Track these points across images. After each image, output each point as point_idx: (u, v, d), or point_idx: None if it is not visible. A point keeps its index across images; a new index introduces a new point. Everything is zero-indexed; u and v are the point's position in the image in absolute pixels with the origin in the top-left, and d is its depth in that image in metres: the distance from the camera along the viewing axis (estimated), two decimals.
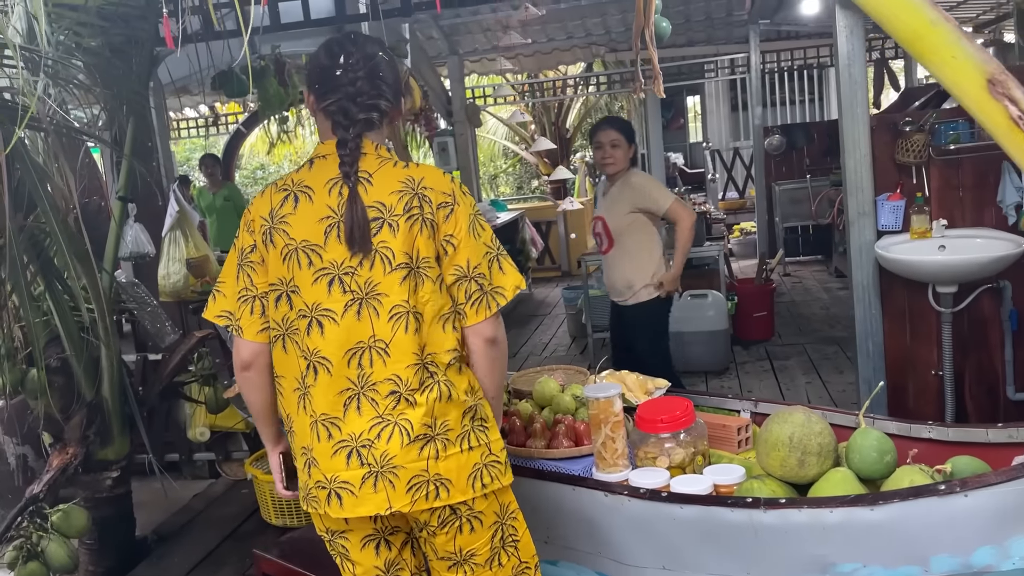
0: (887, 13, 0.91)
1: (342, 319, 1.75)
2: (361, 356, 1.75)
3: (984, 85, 0.86)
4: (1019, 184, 3.66)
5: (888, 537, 1.92)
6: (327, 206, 1.76)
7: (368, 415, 1.75)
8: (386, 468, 1.74)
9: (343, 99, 1.79)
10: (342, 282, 1.75)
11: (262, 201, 1.84)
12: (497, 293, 1.81)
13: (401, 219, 1.74)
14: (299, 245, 1.77)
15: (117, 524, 3.71)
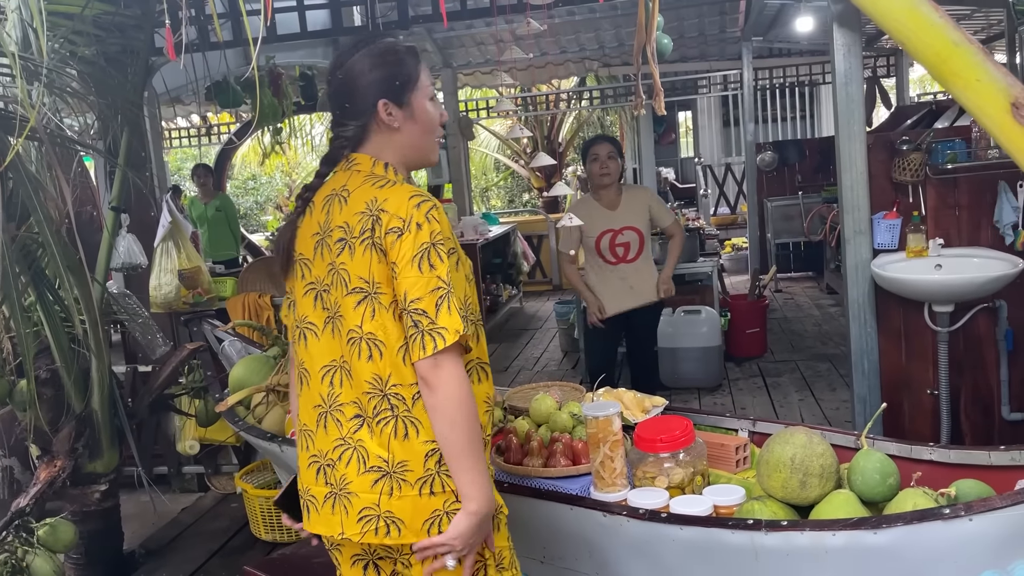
0: (908, 34, 0.89)
1: (322, 335, 1.76)
2: (333, 375, 1.74)
3: (1008, 109, 0.84)
4: (1015, 204, 3.67)
5: (891, 561, 1.90)
6: (317, 222, 1.77)
7: (333, 435, 1.73)
8: (343, 492, 1.70)
9: (336, 116, 1.82)
10: (322, 298, 1.76)
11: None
12: (436, 333, 1.60)
13: (357, 242, 1.68)
14: (298, 257, 1.80)
15: (104, 538, 3.66)
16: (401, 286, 1.63)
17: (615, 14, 7.77)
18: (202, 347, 3.71)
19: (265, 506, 3.80)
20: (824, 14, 6.73)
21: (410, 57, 1.81)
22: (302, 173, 15.70)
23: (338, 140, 1.80)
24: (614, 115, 12.99)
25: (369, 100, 1.76)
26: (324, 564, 2.84)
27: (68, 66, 3.06)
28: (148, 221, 4.22)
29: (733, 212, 12.48)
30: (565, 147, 13.61)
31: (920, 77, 13.43)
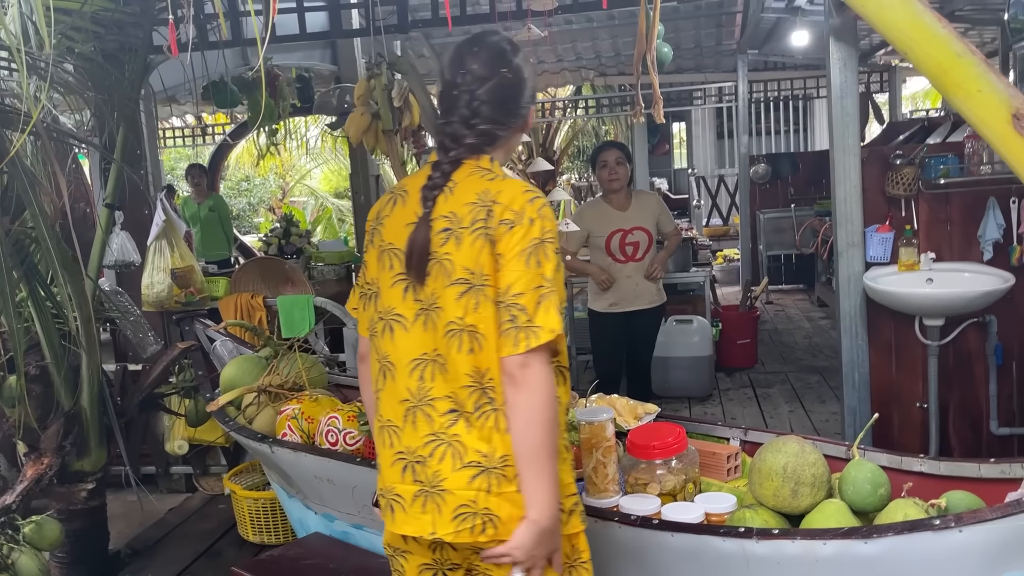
0: (911, 44, 0.90)
1: (411, 327, 1.70)
2: (424, 368, 1.68)
3: (1009, 119, 0.85)
4: (1001, 222, 3.69)
5: (881, 571, 1.90)
6: (414, 212, 1.72)
7: (423, 430, 1.67)
8: (435, 489, 1.64)
9: (457, 123, 1.71)
10: (414, 290, 1.71)
11: (379, 202, 1.85)
12: (531, 331, 1.58)
13: (466, 232, 1.64)
14: (387, 247, 1.76)
15: (90, 537, 3.63)
16: (505, 278, 1.62)
17: (612, 24, 7.80)
18: (194, 346, 3.70)
19: (254, 507, 3.79)
20: (820, 28, 6.77)
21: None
22: (296, 176, 15.68)
23: (484, 138, 1.72)
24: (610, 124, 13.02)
25: (528, 102, 1.78)
26: (312, 566, 2.84)
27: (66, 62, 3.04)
28: (142, 219, 4.21)
29: (725, 223, 12.52)
30: (560, 155, 13.64)
31: (912, 94, 13.53)
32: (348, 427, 2.87)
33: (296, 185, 15.71)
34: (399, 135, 3.36)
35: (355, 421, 2.87)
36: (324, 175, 15.84)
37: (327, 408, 2.99)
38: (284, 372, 3.33)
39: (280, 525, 3.76)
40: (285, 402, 3.12)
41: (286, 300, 4.21)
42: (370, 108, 3.36)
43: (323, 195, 15.25)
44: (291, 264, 4.79)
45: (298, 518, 3.19)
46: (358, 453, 2.81)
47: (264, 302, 4.31)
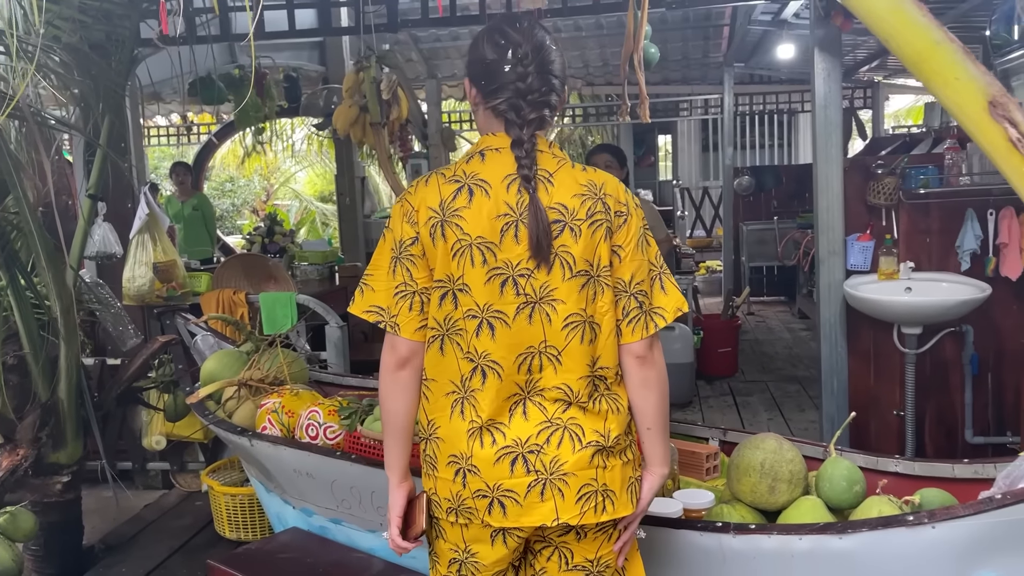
0: (891, 31, 0.92)
1: (513, 322, 1.66)
2: (531, 361, 1.67)
3: (985, 107, 0.87)
4: (979, 233, 3.75)
5: (855, 566, 1.93)
6: (505, 203, 1.66)
7: (535, 419, 1.67)
8: (555, 475, 1.65)
9: (513, 97, 1.68)
10: (516, 284, 1.66)
11: (428, 191, 1.70)
12: (656, 313, 1.72)
13: (584, 224, 1.67)
14: (473, 241, 1.66)
15: (64, 531, 3.60)
16: (628, 269, 1.71)
17: (600, 33, 7.85)
18: (175, 340, 3.68)
19: (231, 504, 3.76)
20: (805, 41, 6.85)
21: None
22: (280, 178, 15.64)
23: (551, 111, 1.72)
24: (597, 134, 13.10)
25: (562, 93, 1.76)
26: (289, 560, 2.83)
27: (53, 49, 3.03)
28: (124, 212, 4.19)
29: (709, 235, 12.61)
30: None
31: (895, 111, 13.69)
32: (328, 421, 2.86)
33: (280, 188, 15.67)
34: (387, 128, 3.36)
35: (336, 415, 2.87)
36: (309, 178, 15.80)
37: (308, 402, 2.99)
38: (265, 367, 3.33)
39: (258, 522, 3.74)
40: (265, 396, 3.12)
41: (268, 297, 4.20)
42: (358, 101, 3.36)
43: (307, 198, 15.22)
44: (274, 261, 4.78)
45: (276, 513, 3.18)
46: (338, 447, 2.81)
47: (246, 298, 4.30)
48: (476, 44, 1.74)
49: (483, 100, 1.73)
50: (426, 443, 1.76)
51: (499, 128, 1.73)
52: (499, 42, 1.70)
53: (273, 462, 2.93)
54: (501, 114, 1.71)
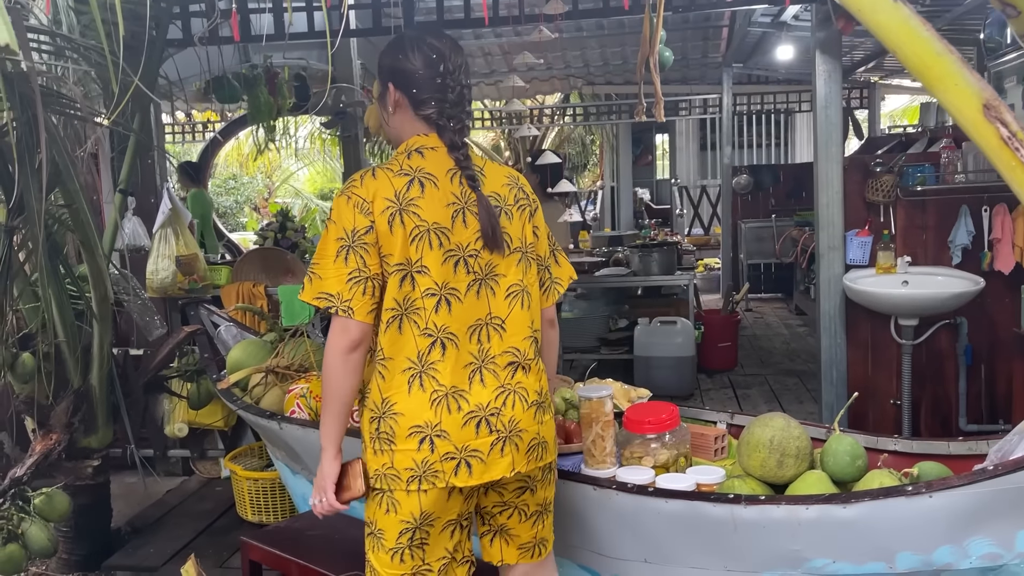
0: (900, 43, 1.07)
1: (464, 297, 1.89)
2: (480, 332, 1.91)
3: (980, 109, 1.02)
4: (971, 229, 3.91)
5: (858, 534, 2.07)
6: (452, 193, 1.90)
7: (491, 385, 1.91)
8: (513, 433, 1.91)
9: (448, 107, 1.93)
10: (466, 263, 1.90)
11: (379, 184, 1.87)
12: (556, 283, 2.10)
13: (514, 208, 1.98)
14: (430, 227, 1.86)
15: (94, 513, 3.74)
16: (543, 246, 2.06)
17: (601, 33, 7.99)
18: (199, 330, 3.82)
19: (254, 488, 3.90)
20: (804, 43, 7.00)
21: None
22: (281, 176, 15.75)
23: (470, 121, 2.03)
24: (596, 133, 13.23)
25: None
26: (317, 536, 2.97)
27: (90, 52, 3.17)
28: (148, 207, 4.33)
29: (707, 233, 12.76)
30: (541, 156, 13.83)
31: (891, 111, 13.86)
32: (355, 406, 3.00)
33: (281, 185, 15.79)
34: None
35: None
36: (309, 176, 15.92)
37: None
38: (289, 355, 3.47)
39: (279, 505, 3.89)
40: (293, 382, 3.26)
41: (287, 290, 4.33)
42: None
43: (308, 196, 15.34)
44: (292, 256, 4.91)
45: (301, 494, 3.32)
46: None
47: (265, 291, 4.43)
48: (402, 53, 1.94)
49: (411, 106, 1.95)
50: (379, 421, 1.91)
51: (426, 131, 1.95)
52: (430, 56, 1.92)
53: (302, 444, 3.07)
54: (431, 121, 1.94)
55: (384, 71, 1.99)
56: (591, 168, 16.06)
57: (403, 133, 1.99)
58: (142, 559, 3.70)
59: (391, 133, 2.04)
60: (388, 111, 2.00)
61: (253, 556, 2.96)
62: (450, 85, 1.92)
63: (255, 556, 2.95)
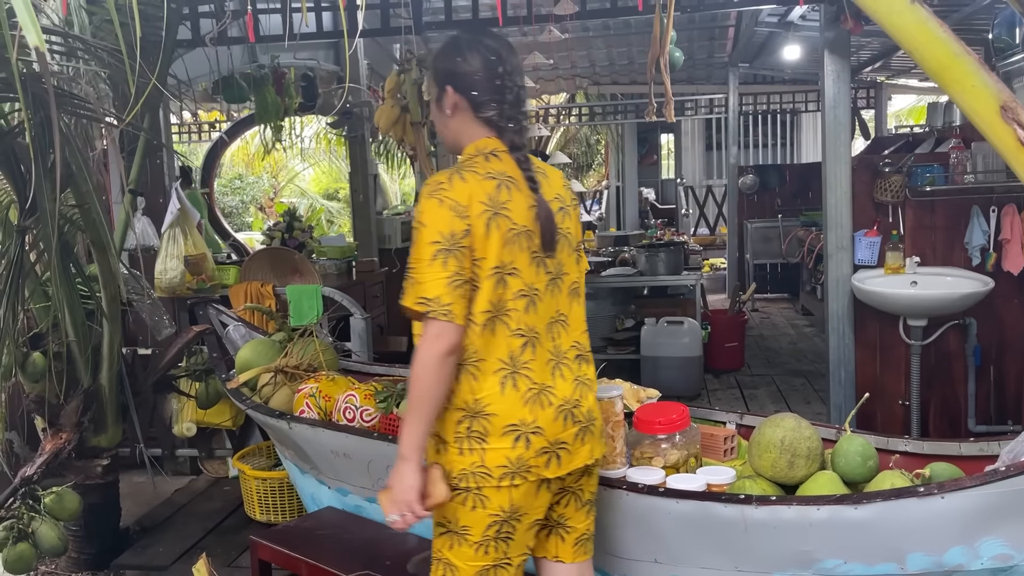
0: (917, 45, 1.07)
1: (543, 296, 1.93)
2: (553, 328, 1.96)
3: (998, 111, 1.02)
4: (986, 228, 3.91)
5: (869, 535, 2.07)
6: (530, 196, 1.92)
7: (568, 379, 1.96)
8: (589, 422, 1.98)
9: (508, 108, 1.93)
10: (544, 263, 1.94)
11: (472, 187, 1.85)
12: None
13: (571, 207, 2.05)
14: (521, 230, 1.88)
15: (103, 512, 3.75)
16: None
17: (607, 33, 7.99)
18: (208, 330, 3.82)
19: (262, 487, 3.91)
20: (811, 43, 7.00)
21: None
22: (287, 176, 15.78)
23: (525, 124, 1.99)
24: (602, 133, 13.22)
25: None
26: (326, 536, 2.98)
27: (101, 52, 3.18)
28: (157, 207, 4.34)
29: (712, 233, 12.76)
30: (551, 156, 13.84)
31: (897, 111, 13.84)
32: (365, 405, 3.01)
33: (287, 185, 15.81)
34: (426, 127, 3.53)
35: (372, 400, 3.02)
36: (314, 176, 15.95)
37: (344, 387, 3.14)
38: (298, 355, 3.48)
39: (287, 505, 3.89)
40: (302, 382, 3.27)
41: (295, 289, 4.35)
42: (399, 101, 3.54)
43: (313, 195, 15.37)
44: (300, 255, 4.92)
45: (310, 493, 3.33)
46: (374, 429, 2.96)
47: (273, 291, 4.44)
48: (460, 56, 1.93)
49: (471, 109, 1.94)
50: (471, 420, 1.88)
51: (487, 133, 1.95)
52: (488, 57, 1.92)
53: (311, 444, 3.08)
54: (492, 123, 1.94)
55: (441, 74, 1.97)
56: (596, 168, 16.06)
57: (462, 136, 1.98)
58: (151, 558, 3.71)
59: (448, 136, 2.02)
60: (446, 114, 1.98)
61: (263, 555, 2.97)
62: (508, 86, 1.92)
63: (265, 555, 2.96)
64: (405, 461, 1.86)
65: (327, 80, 7.38)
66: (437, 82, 1.99)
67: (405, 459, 1.86)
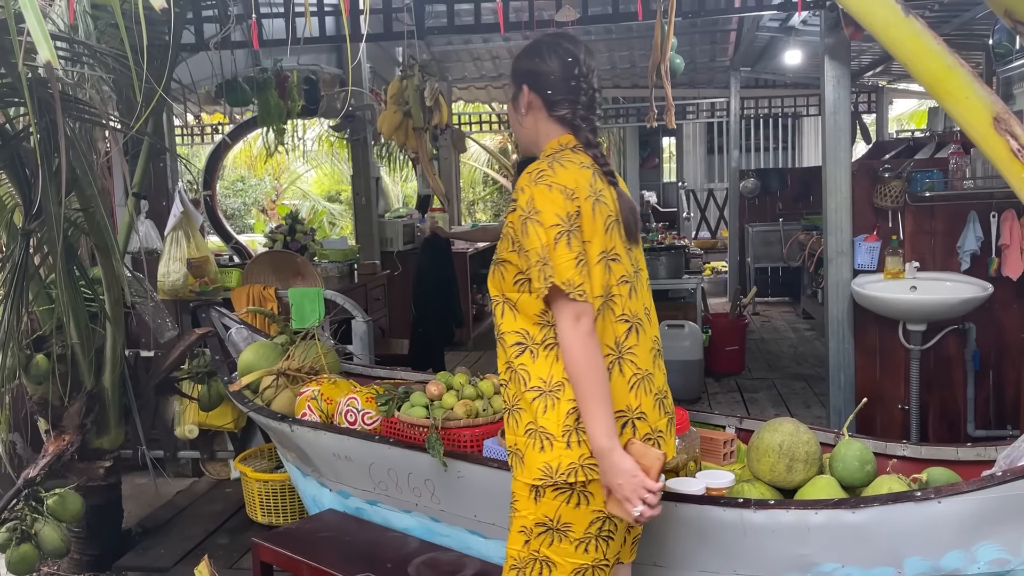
0: (912, 58, 1.09)
1: (636, 287, 1.96)
2: (649, 317, 2.00)
3: (991, 122, 1.04)
4: (980, 235, 3.93)
5: (867, 539, 2.09)
6: (614, 189, 1.97)
7: (662, 368, 2.02)
8: (672, 414, 2.02)
9: (581, 108, 1.95)
10: (631, 254, 1.99)
11: (574, 174, 1.86)
12: None
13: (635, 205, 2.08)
14: (616, 218, 1.93)
15: (106, 513, 3.77)
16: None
17: (609, 37, 8.02)
18: (211, 332, 3.84)
19: (264, 490, 3.93)
20: (812, 48, 7.02)
21: None
22: (289, 178, 15.82)
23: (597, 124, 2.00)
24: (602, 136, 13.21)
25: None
26: (328, 539, 3.00)
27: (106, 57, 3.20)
28: (160, 210, 4.36)
29: (714, 236, 12.76)
30: None
31: (898, 115, 13.86)
32: (367, 408, 3.03)
33: (289, 187, 15.86)
34: (428, 132, 3.56)
35: (373, 403, 3.03)
36: (316, 178, 15.99)
37: (345, 390, 3.15)
38: (300, 358, 3.49)
39: (289, 507, 3.91)
40: (304, 384, 3.28)
41: (297, 292, 4.37)
42: (402, 107, 3.56)
43: (315, 197, 15.41)
44: (302, 258, 4.94)
45: (312, 496, 3.34)
46: (376, 432, 2.97)
47: (275, 294, 4.46)
48: (539, 56, 1.97)
49: (545, 107, 1.96)
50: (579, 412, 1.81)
51: (560, 132, 1.97)
52: (566, 59, 1.95)
53: (313, 447, 3.09)
54: (567, 122, 1.96)
55: (520, 73, 2.01)
56: None
57: (536, 134, 2.01)
58: (153, 560, 3.72)
59: (523, 135, 2.05)
60: (520, 112, 2.01)
61: (264, 557, 2.99)
62: (583, 87, 1.94)
63: (266, 557, 2.98)
64: (610, 451, 1.77)
65: (330, 83, 7.40)
66: (515, 81, 2.02)
67: (609, 449, 1.77)
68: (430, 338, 5.63)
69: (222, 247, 8.19)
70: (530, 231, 1.81)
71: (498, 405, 2.84)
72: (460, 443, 2.69)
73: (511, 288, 1.91)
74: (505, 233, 1.92)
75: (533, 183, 1.85)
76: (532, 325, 1.88)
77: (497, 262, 1.95)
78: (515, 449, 1.91)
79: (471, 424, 2.73)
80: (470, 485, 2.65)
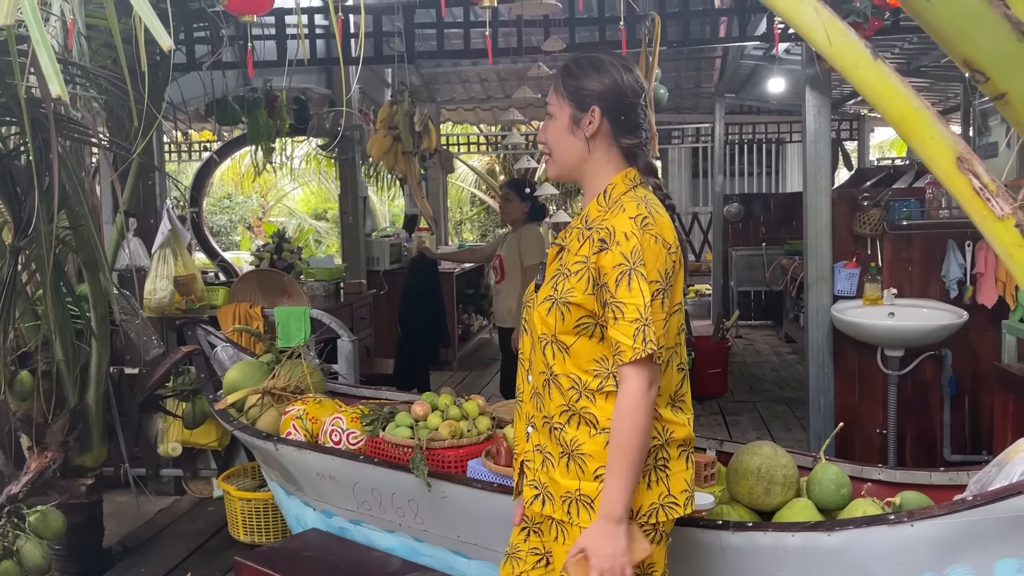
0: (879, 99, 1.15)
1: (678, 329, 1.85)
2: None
3: (954, 161, 1.09)
4: (961, 262, 4.01)
5: (842, 561, 2.13)
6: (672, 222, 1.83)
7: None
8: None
9: (644, 138, 1.85)
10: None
11: (667, 222, 1.78)
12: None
13: None
14: (681, 261, 1.80)
15: (87, 532, 3.76)
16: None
17: None
18: (197, 350, 3.86)
19: (247, 508, 3.93)
20: (795, 76, 7.15)
21: None
22: (276, 196, 15.83)
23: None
24: None
25: None
26: (311, 558, 3.01)
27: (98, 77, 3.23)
28: (147, 228, 4.38)
29: (697, 260, 12.86)
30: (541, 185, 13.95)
31: (880, 143, 14.06)
32: (351, 427, 3.05)
33: (276, 205, 15.87)
34: (417, 156, 3.60)
35: (358, 422, 3.06)
36: (303, 196, 16.02)
37: (331, 410, 3.18)
38: (286, 377, 3.52)
39: (272, 526, 3.91)
40: (289, 403, 3.30)
41: (283, 311, 4.39)
42: (391, 131, 3.61)
43: (301, 215, 15.43)
44: (288, 277, 4.97)
45: (295, 515, 3.36)
46: (360, 452, 3.00)
47: (262, 312, 4.48)
48: (610, 77, 1.80)
49: (613, 135, 1.82)
50: (660, 448, 1.79)
51: (618, 160, 1.84)
52: (635, 86, 1.83)
53: (297, 466, 3.11)
54: (627, 150, 1.84)
55: (591, 95, 1.80)
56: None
57: (590, 161, 1.84)
58: None
59: (569, 157, 1.85)
60: (580, 135, 1.82)
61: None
62: (644, 115, 1.84)
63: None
64: (620, 522, 1.68)
65: (319, 103, 7.47)
66: (575, 99, 1.81)
67: (620, 520, 1.68)
68: (416, 358, 5.66)
69: (208, 264, 8.20)
70: (634, 285, 1.68)
71: (483, 426, 2.87)
72: (444, 463, 2.72)
73: (568, 331, 1.77)
74: (578, 272, 1.75)
75: (639, 230, 1.71)
76: (583, 372, 1.77)
77: (560, 301, 1.77)
78: (579, 495, 1.77)
79: (456, 445, 2.76)
80: (454, 505, 2.68)
